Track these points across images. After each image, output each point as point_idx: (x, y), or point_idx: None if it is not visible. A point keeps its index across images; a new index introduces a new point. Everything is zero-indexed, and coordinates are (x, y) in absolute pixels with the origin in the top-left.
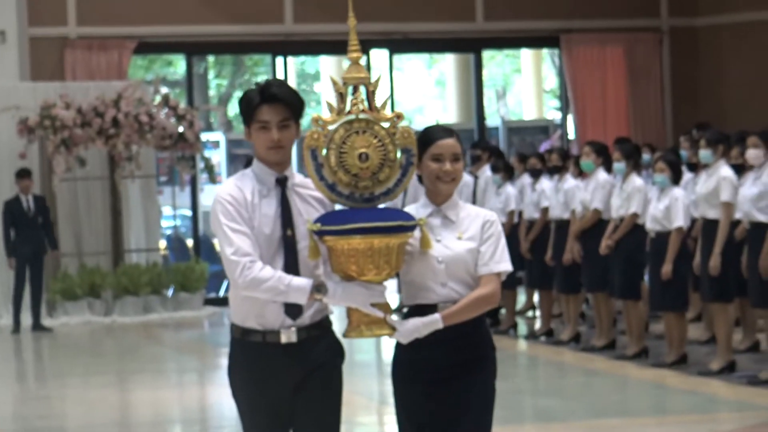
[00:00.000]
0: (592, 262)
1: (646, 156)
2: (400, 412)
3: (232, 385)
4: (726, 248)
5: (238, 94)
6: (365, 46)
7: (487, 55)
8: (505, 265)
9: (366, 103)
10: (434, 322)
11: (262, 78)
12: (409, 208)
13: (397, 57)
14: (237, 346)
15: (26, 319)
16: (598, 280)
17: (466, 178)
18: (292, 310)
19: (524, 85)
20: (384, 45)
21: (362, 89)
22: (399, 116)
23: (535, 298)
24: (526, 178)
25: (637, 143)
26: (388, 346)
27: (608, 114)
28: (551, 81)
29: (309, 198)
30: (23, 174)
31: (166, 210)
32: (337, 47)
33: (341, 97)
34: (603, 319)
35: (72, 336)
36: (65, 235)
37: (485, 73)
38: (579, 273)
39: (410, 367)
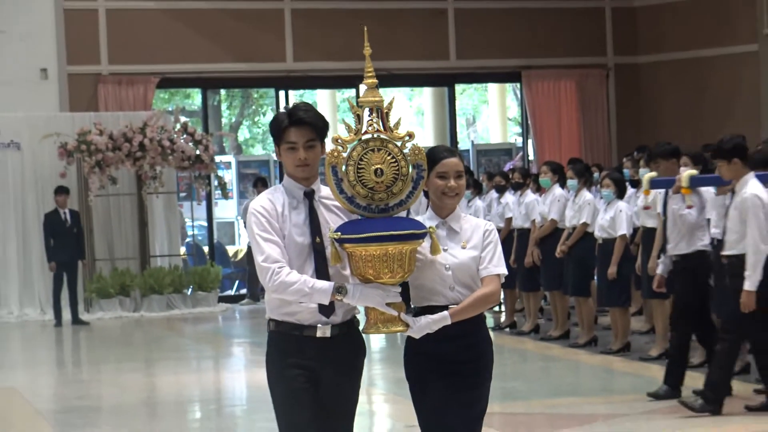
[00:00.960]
0: (549, 264)
1: (595, 174)
2: (415, 400)
3: (269, 373)
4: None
5: (246, 122)
6: (355, 82)
7: (459, 88)
8: (503, 269)
9: (380, 124)
10: (443, 318)
11: (267, 109)
12: (418, 218)
13: (382, 90)
14: (275, 338)
15: (66, 314)
16: (555, 280)
17: None
18: (325, 310)
19: (490, 114)
20: None
21: (377, 111)
22: (410, 135)
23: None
24: (492, 193)
25: (587, 163)
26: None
27: (562, 138)
28: (513, 110)
29: (333, 208)
30: (61, 191)
31: (186, 221)
32: (331, 82)
33: (358, 118)
34: (558, 313)
35: (105, 329)
36: (99, 243)
37: (457, 104)
38: (538, 274)
39: (421, 359)
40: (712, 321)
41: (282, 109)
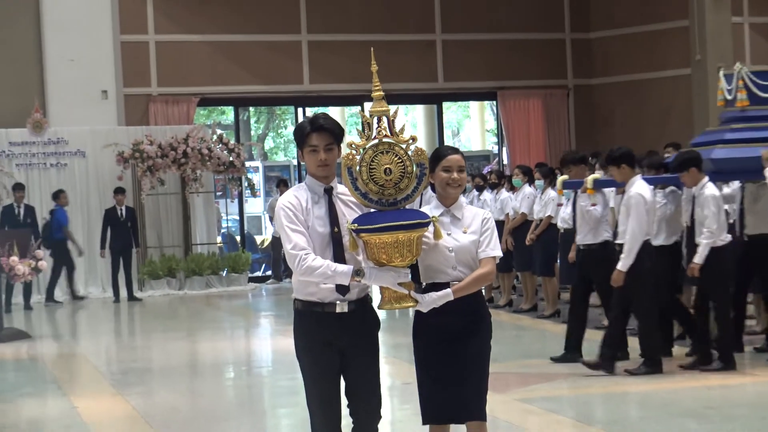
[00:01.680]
0: (520, 250)
1: (558, 175)
2: (420, 366)
3: (297, 347)
4: None
5: (271, 134)
6: (360, 100)
7: (445, 105)
8: (499, 251)
9: (388, 130)
10: (447, 294)
11: (288, 123)
12: (425, 209)
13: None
14: (300, 316)
15: (123, 292)
16: (525, 263)
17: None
18: (342, 289)
19: (472, 127)
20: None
21: (384, 119)
22: (413, 139)
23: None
24: (474, 192)
25: (552, 166)
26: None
27: (531, 146)
28: (491, 123)
29: (349, 203)
30: (118, 191)
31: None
32: (340, 101)
33: (368, 126)
34: (528, 290)
35: (155, 304)
36: (150, 234)
37: (444, 118)
38: (511, 258)
39: (428, 330)
40: (677, 299)
41: (305, 118)
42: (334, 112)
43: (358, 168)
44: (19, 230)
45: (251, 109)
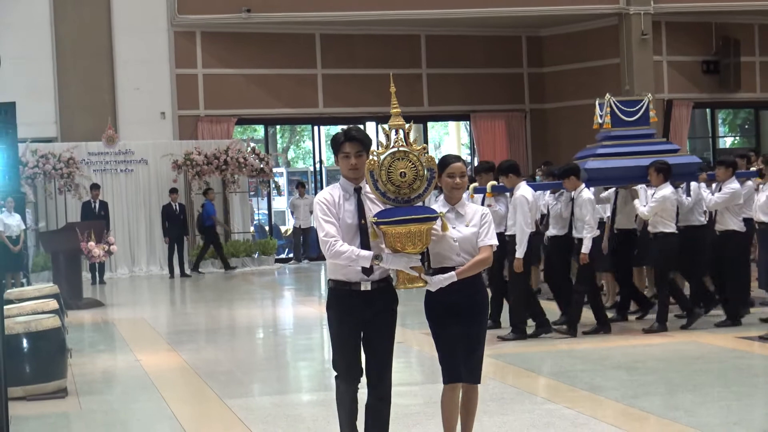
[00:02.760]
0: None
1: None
2: (435, 334)
3: (329, 316)
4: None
5: (293, 146)
6: (363, 120)
7: (429, 125)
8: (495, 240)
9: (403, 140)
10: (451, 276)
11: (306, 138)
12: (434, 206)
13: (379, 127)
14: (333, 293)
15: (176, 270)
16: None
17: None
18: (366, 271)
19: (450, 142)
20: (373, 119)
21: (401, 131)
22: (425, 148)
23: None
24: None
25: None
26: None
27: (497, 158)
28: (465, 139)
29: (374, 199)
30: (173, 191)
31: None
32: (348, 121)
33: (387, 137)
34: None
35: (203, 280)
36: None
37: (429, 135)
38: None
39: (437, 306)
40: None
41: (339, 130)
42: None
43: (378, 171)
44: (96, 221)
45: (277, 127)
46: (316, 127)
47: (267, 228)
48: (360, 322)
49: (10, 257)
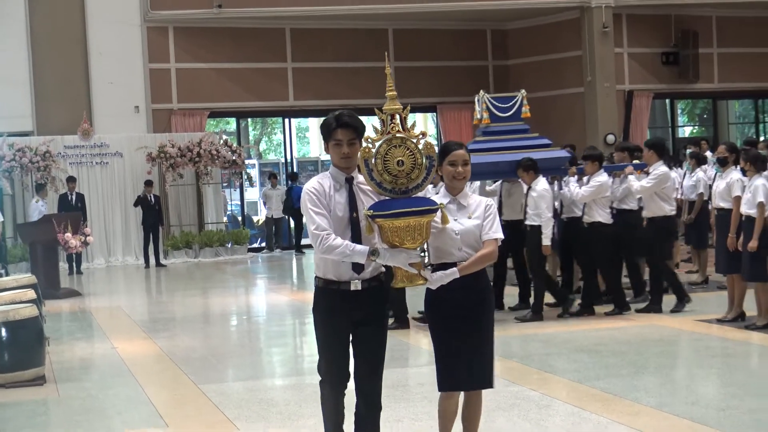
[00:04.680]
0: None
1: None
2: (438, 340)
3: (315, 318)
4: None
5: (264, 138)
6: (331, 112)
7: None
8: (500, 234)
9: (400, 126)
10: (453, 272)
11: (277, 130)
12: (434, 197)
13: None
14: (320, 292)
15: (151, 260)
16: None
17: None
18: (357, 268)
19: None
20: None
21: (397, 116)
22: (423, 134)
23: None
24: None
25: None
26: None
27: None
28: (432, 130)
29: (367, 191)
30: (147, 183)
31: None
32: (317, 114)
33: (383, 122)
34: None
35: (176, 269)
36: (173, 215)
37: None
38: None
39: (439, 304)
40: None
41: (331, 115)
42: (312, 122)
43: (373, 160)
44: (72, 213)
45: (249, 119)
46: (286, 120)
47: (240, 218)
48: (349, 324)
49: None
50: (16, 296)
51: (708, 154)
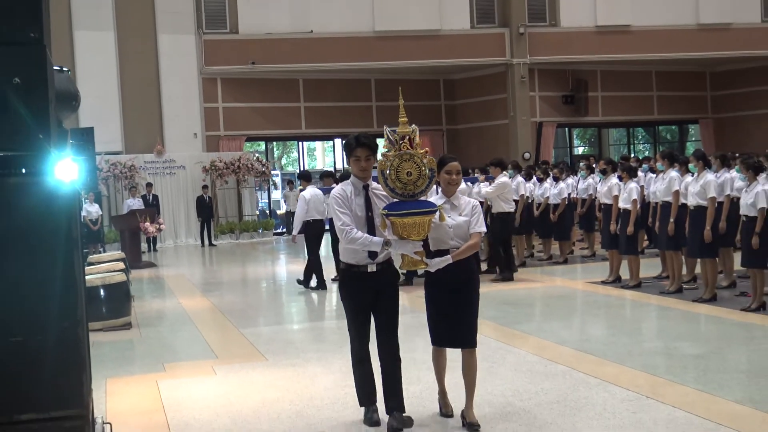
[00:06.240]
0: None
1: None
2: (432, 305)
3: (341, 293)
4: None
5: (285, 156)
6: (333, 138)
7: (379, 140)
8: (483, 228)
9: (409, 144)
10: (447, 259)
11: (294, 150)
12: (432, 199)
13: (388, 132)
14: (344, 273)
15: (206, 241)
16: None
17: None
18: (372, 255)
19: None
20: (339, 137)
21: (407, 137)
22: (426, 151)
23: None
24: None
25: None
26: None
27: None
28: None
29: (380, 195)
30: (204, 188)
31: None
32: (323, 138)
33: (396, 141)
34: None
35: (223, 248)
36: (221, 209)
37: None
38: None
39: (437, 281)
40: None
41: (351, 137)
42: (318, 144)
43: (387, 171)
44: (150, 209)
45: (274, 143)
46: (300, 143)
47: (267, 212)
48: (369, 295)
49: (91, 233)
50: (110, 267)
51: (594, 166)
